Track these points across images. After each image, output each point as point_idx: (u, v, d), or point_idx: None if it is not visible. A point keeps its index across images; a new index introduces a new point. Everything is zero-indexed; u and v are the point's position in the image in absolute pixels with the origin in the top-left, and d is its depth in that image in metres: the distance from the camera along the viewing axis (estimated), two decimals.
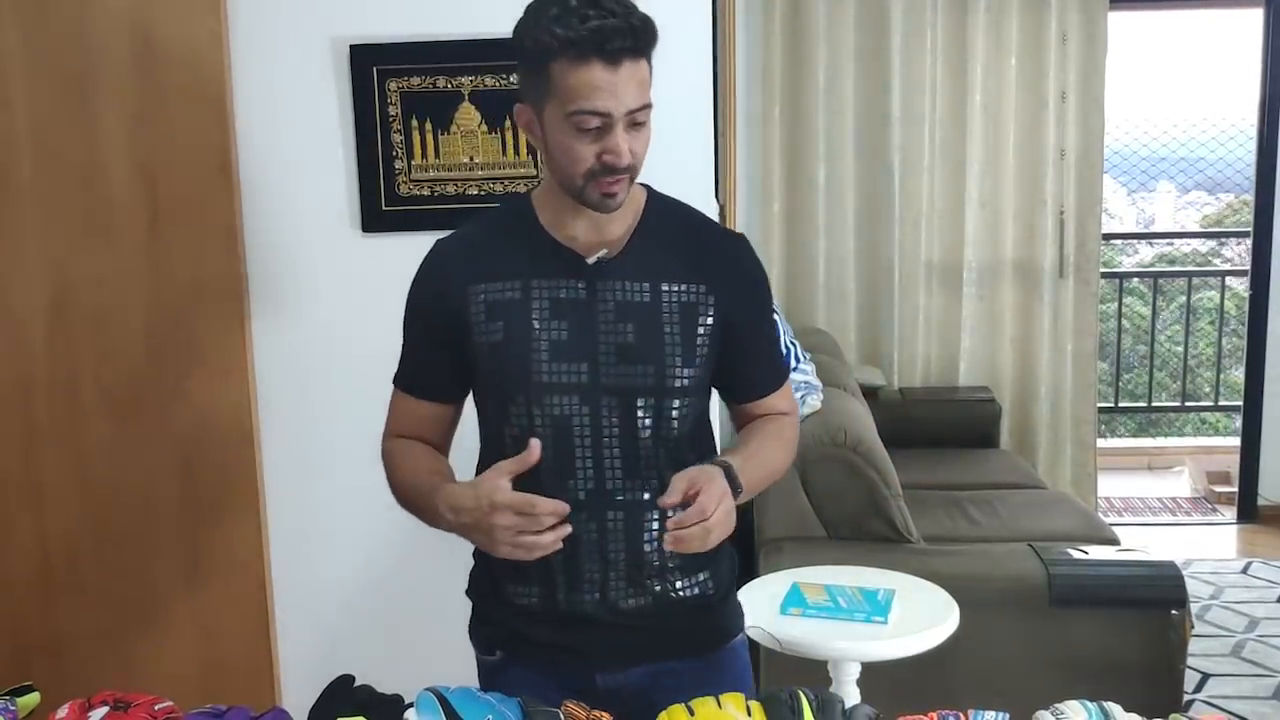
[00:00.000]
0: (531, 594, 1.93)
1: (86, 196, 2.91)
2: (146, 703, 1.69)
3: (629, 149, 1.77)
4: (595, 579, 1.89)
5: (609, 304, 1.85)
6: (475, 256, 1.93)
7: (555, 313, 1.85)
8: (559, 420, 1.85)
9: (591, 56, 1.71)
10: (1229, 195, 8.88)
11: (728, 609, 2.04)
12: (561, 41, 1.71)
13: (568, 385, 1.85)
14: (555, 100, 1.76)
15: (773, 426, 2.01)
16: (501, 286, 1.87)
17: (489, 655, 2.05)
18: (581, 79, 1.72)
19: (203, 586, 3.04)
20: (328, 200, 2.98)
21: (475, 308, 1.88)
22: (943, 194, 5.54)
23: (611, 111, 1.74)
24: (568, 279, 1.86)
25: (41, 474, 3.00)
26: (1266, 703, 4.07)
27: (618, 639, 1.91)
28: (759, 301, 2.00)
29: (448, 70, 2.90)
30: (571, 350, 1.85)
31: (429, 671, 1.92)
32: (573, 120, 1.75)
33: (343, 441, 3.07)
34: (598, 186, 1.79)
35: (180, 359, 2.96)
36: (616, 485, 1.87)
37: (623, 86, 1.73)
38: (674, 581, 1.93)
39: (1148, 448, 7.21)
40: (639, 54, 1.76)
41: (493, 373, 1.89)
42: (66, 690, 1.79)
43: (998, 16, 5.42)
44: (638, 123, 1.78)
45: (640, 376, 1.85)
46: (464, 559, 3.12)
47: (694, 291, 1.88)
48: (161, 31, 2.85)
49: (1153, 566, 3.54)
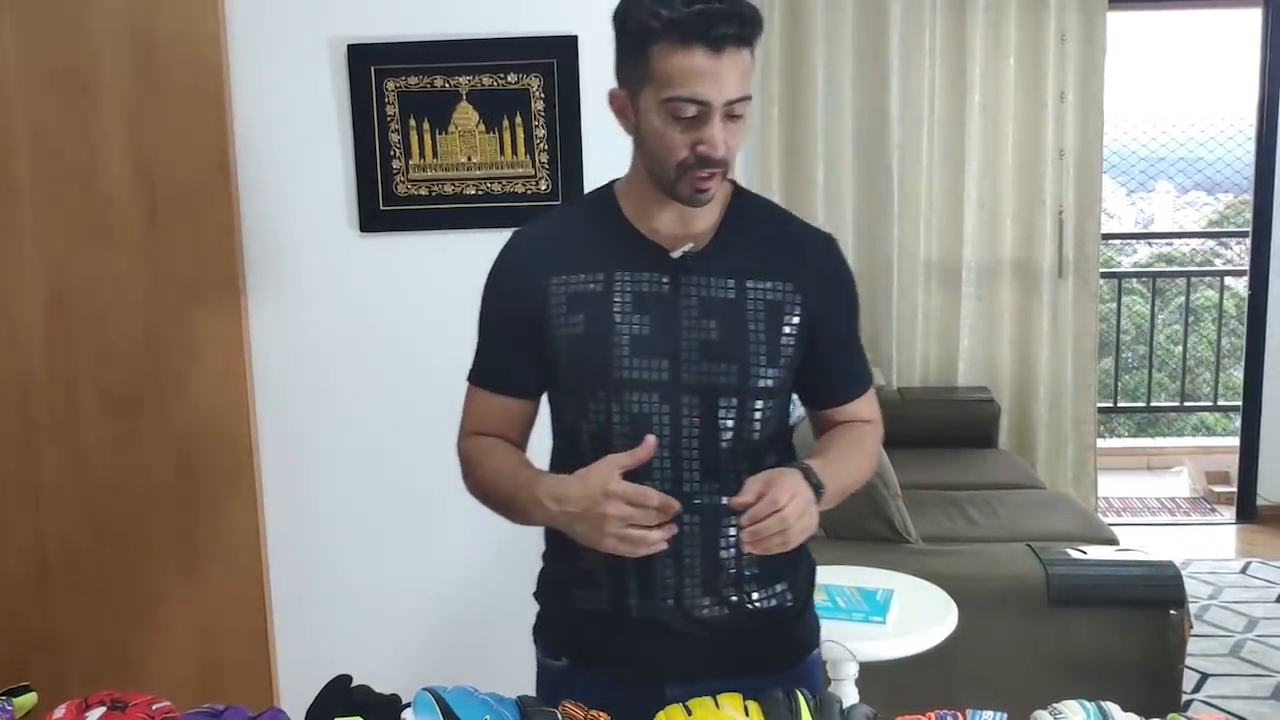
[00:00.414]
0: (601, 599, 1.86)
1: (85, 195, 2.91)
2: (144, 703, 1.69)
3: (724, 141, 1.71)
4: (669, 585, 1.82)
5: (692, 300, 1.80)
6: (556, 247, 1.86)
7: (637, 307, 1.79)
8: (638, 418, 1.79)
9: (694, 41, 1.65)
10: (1228, 195, 8.88)
11: (805, 623, 1.98)
12: (664, 23, 1.65)
13: (648, 382, 1.79)
14: (652, 85, 1.70)
15: (854, 434, 1.94)
16: (583, 278, 1.81)
17: (554, 660, 1.99)
18: (682, 64, 1.66)
19: (200, 586, 3.04)
20: (325, 199, 2.98)
21: (555, 300, 1.82)
22: (941, 194, 5.54)
23: (711, 100, 1.67)
24: (651, 272, 1.80)
25: (39, 473, 3.00)
26: (1265, 703, 4.07)
27: (690, 650, 1.84)
28: (846, 304, 1.93)
29: (445, 70, 2.90)
30: (653, 346, 1.79)
31: (426, 671, 1.91)
32: (669, 107, 1.69)
33: (340, 440, 3.07)
34: (690, 180, 1.73)
35: (178, 358, 2.96)
36: (694, 488, 1.80)
37: (725, 75, 1.67)
38: (750, 592, 1.86)
39: (1147, 448, 7.21)
40: (744, 42, 1.69)
41: (571, 367, 1.83)
42: (64, 690, 1.79)
43: (996, 16, 5.42)
44: (735, 115, 1.71)
45: (723, 375, 1.79)
46: (464, 560, 3.13)
47: (780, 290, 1.82)
48: (160, 31, 2.85)
49: (1151, 566, 3.54)
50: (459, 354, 3.02)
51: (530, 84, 2.91)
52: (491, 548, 3.11)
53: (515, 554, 3.11)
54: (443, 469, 3.07)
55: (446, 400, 3.05)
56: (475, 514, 3.08)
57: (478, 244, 2.98)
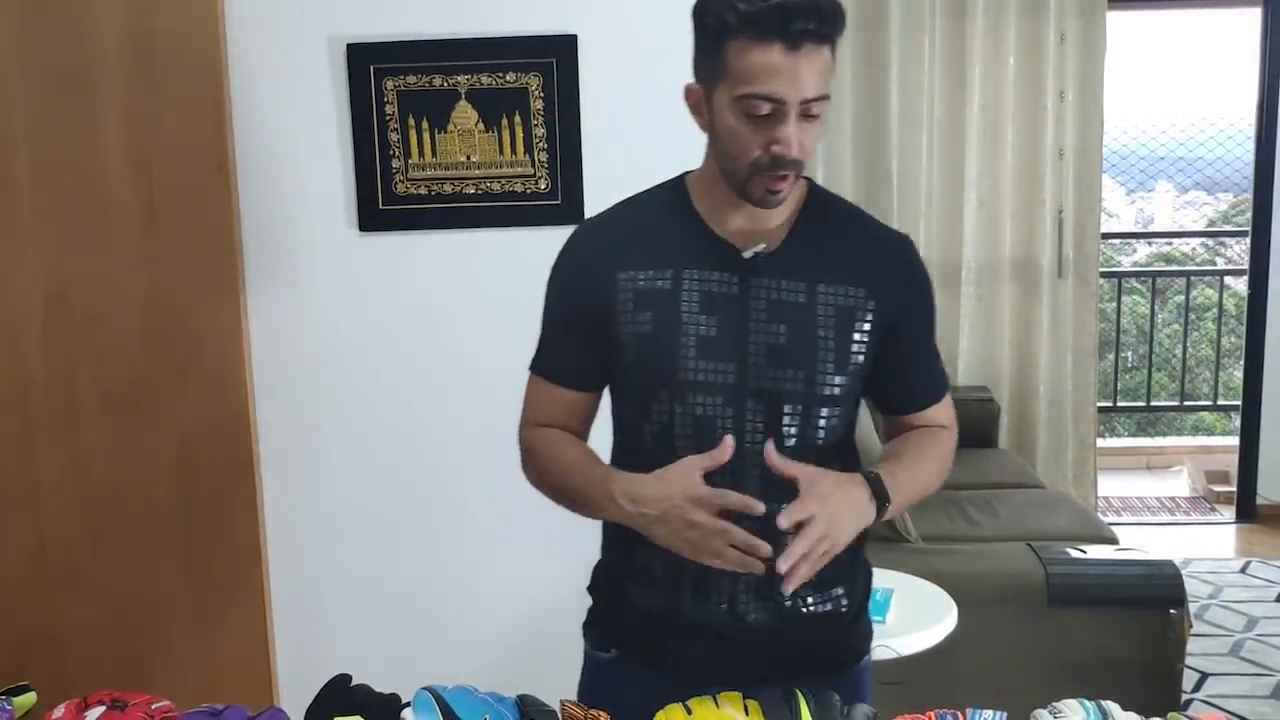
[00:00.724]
0: (656, 598, 1.84)
1: (83, 195, 2.91)
2: (143, 702, 1.69)
3: (799, 141, 1.66)
4: (724, 589, 1.80)
5: (761, 302, 1.76)
6: (624, 241, 1.83)
7: (705, 307, 1.76)
8: (701, 421, 1.76)
9: (772, 36, 1.60)
10: (1227, 195, 8.88)
11: (858, 629, 1.95)
12: (741, 17, 1.61)
13: (713, 385, 1.75)
14: (727, 82, 1.66)
15: (928, 439, 1.89)
16: (652, 275, 1.78)
17: (603, 652, 1.95)
18: (758, 60, 1.62)
19: (200, 585, 3.04)
20: (325, 199, 2.98)
21: (623, 295, 1.78)
22: (941, 194, 5.54)
23: (786, 98, 1.62)
24: (721, 272, 1.76)
25: (38, 472, 3.00)
26: (1265, 702, 4.07)
27: (740, 652, 1.81)
28: (921, 308, 1.88)
29: (445, 69, 2.90)
30: (719, 348, 1.75)
31: (426, 671, 1.91)
32: (743, 105, 1.65)
33: (341, 440, 3.07)
34: (762, 182, 1.69)
35: (177, 357, 2.96)
36: (754, 494, 1.72)
37: (802, 72, 1.62)
38: (805, 596, 1.83)
39: (1146, 447, 7.21)
40: (823, 39, 1.63)
41: (636, 366, 1.80)
42: (63, 690, 1.79)
43: (996, 17, 5.42)
44: (812, 115, 1.66)
45: (789, 381, 1.75)
46: (463, 562, 3.12)
47: (852, 295, 1.77)
48: (159, 30, 2.85)
49: (1151, 566, 3.54)
50: (459, 352, 3.04)
51: (529, 83, 2.90)
52: (492, 547, 3.11)
53: (514, 553, 3.12)
54: (442, 468, 3.09)
55: (446, 398, 3.06)
56: (475, 513, 3.10)
57: (477, 243, 3.00)
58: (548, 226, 2.94)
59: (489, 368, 3.02)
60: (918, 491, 1.84)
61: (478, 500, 3.08)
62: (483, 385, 3.03)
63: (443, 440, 3.08)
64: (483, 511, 3.09)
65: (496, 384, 3.01)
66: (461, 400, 3.05)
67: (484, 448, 3.05)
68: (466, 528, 3.11)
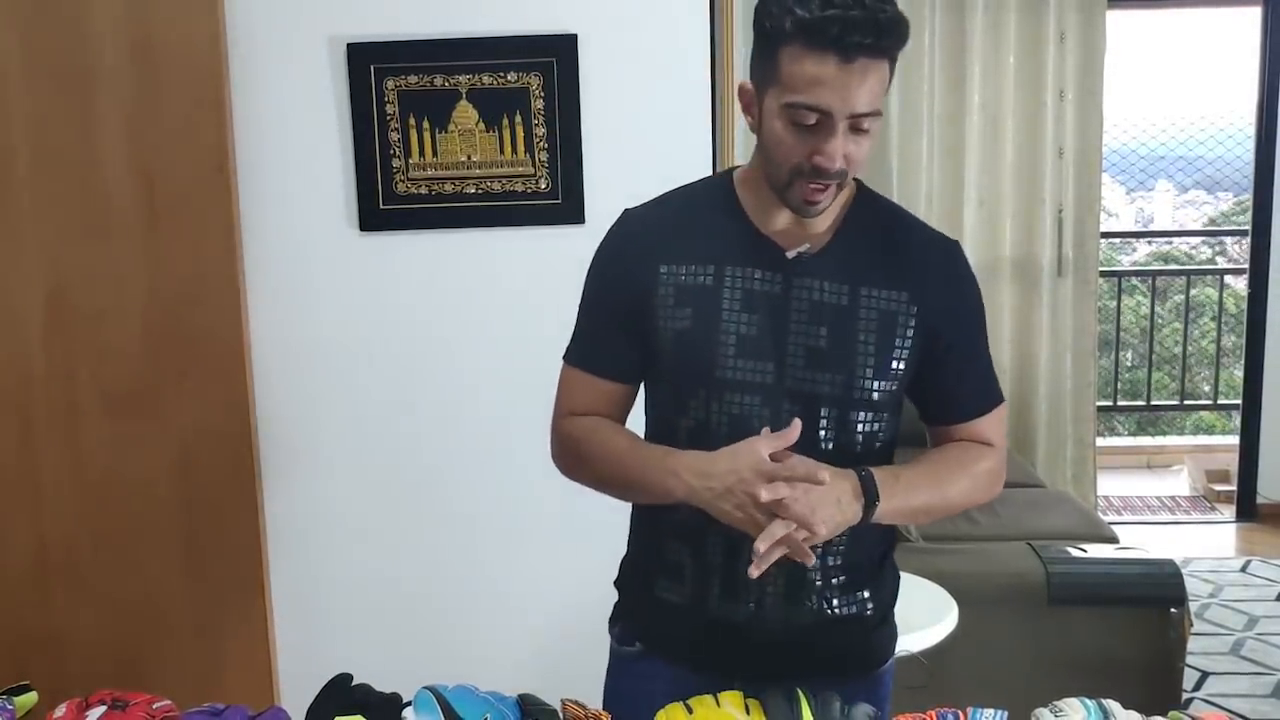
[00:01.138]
0: (684, 593, 1.83)
1: (84, 195, 2.91)
2: (144, 701, 1.69)
3: (844, 154, 1.64)
4: (753, 589, 1.78)
5: (803, 303, 1.74)
6: (667, 233, 1.80)
7: (746, 305, 1.74)
8: (736, 420, 1.74)
9: (826, 46, 1.58)
10: (1227, 194, 8.88)
11: (883, 632, 1.93)
12: (796, 24, 1.59)
13: (750, 384, 1.74)
14: (778, 87, 1.64)
15: (959, 453, 1.85)
16: (694, 270, 1.76)
17: (628, 646, 1.94)
18: (810, 70, 1.60)
19: (201, 585, 3.04)
20: (325, 199, 2.98)
21: (664, 290, 1.77)
22: (941, 192, 5.54)
23: (833, 110, 1.61)
24: (763, 271, 1.75)
25: (39, 472, 3.00)
26: (1266, 700, 4.07)
27: (764, 652, 1.80)
28: (968, 315, 1.85)
29: (445, 69, 2.90)
30: (758, 348, 1.74)
31: (427, 670, 1.91)
32: (790, 113, 1.63)
33: (341, 439, 3.07)
34: (802, 189, 1.67)
35: (178, 358, 2.96)
36: None
37: (853, 86, 1.60)
38: (832, 599, 1.82)
39: (1147, 446, 7.22)
40: (880, 54, 1.61)
41: (674, 361, 1.78)
42: (64, 689, 1.79)
43: (996, 15, 5.42)
44: (862, 129, 1.65)
45: (826, 384, 1.73)
46: (463, 561, 3.12)
47: (896, 300, 1.75)
48: (159, 30, 2.85)
49: (1152, 565, 3.54)
50: (460, 352, 3.04)
51: (530, 83, 2.90)
52: (492, 546, 3.11)
53: (514, 553, 3.12)
54: (444, 468, 3.09)
55: (447, 398, 3.06)
56: (476, 513, 3.10)
57: (477, 243, 3.00)
58: (548, 226, 2.96)
59: (491, 367, 3.03)
60: (923, 502, 1.80)
61: (478, 500, 3.08)
62: (485, 385, 3.04)
63: (444, 440, 3.08)
64: (483, 511, 3.09)
65: (498, 383, 3.04)
66: (463, 400, 3.05)
67: (486, 447, 3.06)
68: (467, 527, 3.11)
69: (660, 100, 2.94)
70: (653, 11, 2.92)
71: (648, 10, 2.91)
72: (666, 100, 2.94)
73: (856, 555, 1.84)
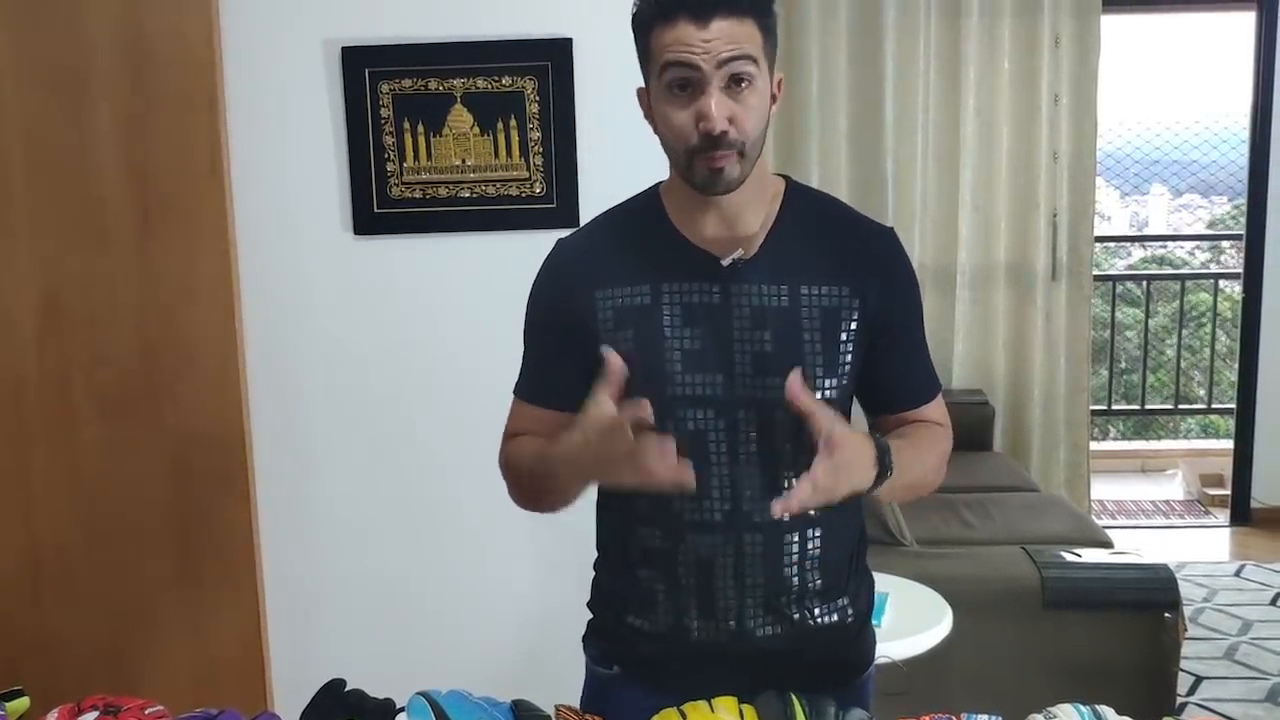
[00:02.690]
0: (661, 622, 1.80)
1: (78, 198, 2.90)
2: (136, 707, 1.68)
3: (727, 115, 1.61)
4: (731, 606, 1.76)
5: (744, 309, 1.71)
6: (600, 258, 1.78)
7: (688, 319, 1.71)
8: (693, 436, 1.71)
9: (678, 15, 1.59)
10: (1222, 198, 8.89)
11: (862, 640, 1.92)
12: (649, 4, 1.63)
13: (702, 398, 1.71)
14: (654, 68, 1.64)
15: (927, 432, 1.82)
16: (630, 291, 1.73)
17: (605, 669, 1.91)
18: (669, 37, 1.60)
19: (194, 589, 3.03)
20: (320, 203, 2.98)
21: (602, 314, 1.74)
22: (936, 197, 5.55)
23: (699, 64, 1.59)
24: (700, 282, 1.72)
25: (32, 476, 2.99)
26: (1259, 705, 4.08)
27: (746, 669, 1.74)
28: (907, 303, 1.82)
29: (440, 72, 2.90)
30: (706, 360, 1.71)
31: (421, 675, 1.91)
32: (664, 80, 1.62)
33: (335, 443, 3.07)
34: (704, 162, 1.64)
35: (172, 361, 2.96)
36: (754, 505, 1.72)
37: (715, 39, 1.58)
38: (813, 608, 1.80)
39: (1141, 450, 7.22)
40: (735, 11, 1.60)
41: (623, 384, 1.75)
42: (56, 694, 1.78)
43: (990, 20, 5.43)
44: (739, 81, 1.61)
45: (779, 389, 1.64)
46: (457, 565, 3.12)
47: (836, 294, 1.72)
48: (153, 33, 2.84)
49: (1146, 569, 3.54)
50: (454, 356, 3.04)
51: (525, 86, 2.90)
52: (486, 550, 3.10)
53: (508, 557, 3.11)
54: (436, 471, 3.09)
55: (441, 402, 3.06)
56: (469, 517, 3.10)
57: (472, 247, 3.00)
58: (543, 230, 2.93)
59: (484, 371, 3.02)
60: (914, 479, 1.76)
61: (471, 504, 3.07)
62: (477, 389, 3.03)
63: (437, 444, 3.07)
64: (476, 515, 3.08)
65: (491, 388, 3.02)
66: (456, 404, 3.04)
67: (478, 452, 3.03)
68: (460, 531, 3.10)
69: None
70: None
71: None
72: None
73: (833, 552, 1.81)
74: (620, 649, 1.89)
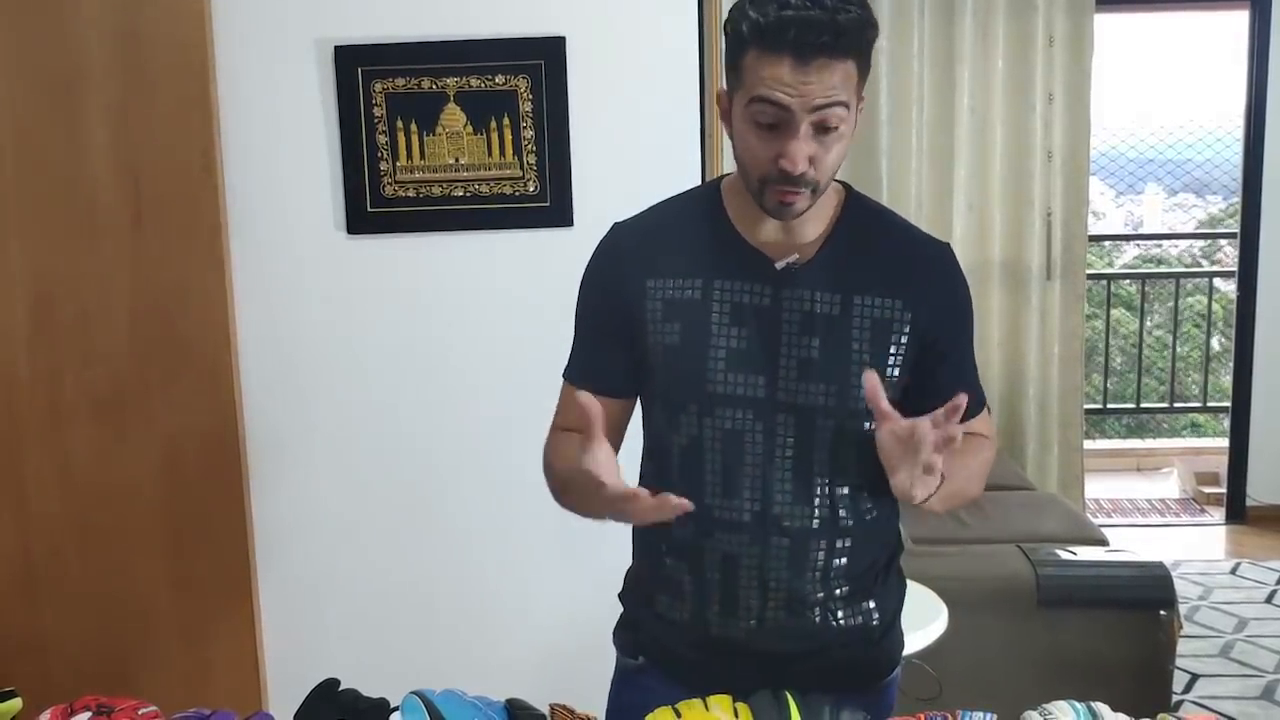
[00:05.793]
0: (683, 610, 1.81)
1: (70, 197, 2.89)
2: (130, 707, 1.68)
3: (809, 156, 1.60)
4: (752, 606, 1.77)
5: (794, 314, 1.71)
6: (655, 247, 1.78)
7: (736, 318, 1.72)
8: (729, 435, 1.72)
9: (783, 49, 1.55)
10: (1216, 197, 8.90)
11: (887, 643, 1.89)
12: (753, 28, 1.57)
13: (742, 398, 1.71)
14: (742, 91, 1.62)
15: (972, 443, 1.77)
16: (681, 284, 1.74)
17: (631, 659, 1.92)
18: (766, 70, 1.57)
19: (188, 589, 3.03)
20: (313, 202, 2.97)
21: (652, 304, 1.74)
22: (930, 196, 5.55)
23: (791, 106, 1.57)
24: (752, 283, 1.72)
25: (25, 475, 2.98)
26: (1255, 702, 4.08)
27: (767, 667, 1.75)
28: (961, 320, 1.82)
29: (433, 71, 2.89)
30: (749, 361, 1.71)
31: (415, 674, 1.91)
32: (751, 111, 1.60)
33: (329, 443, 3.06)
34: (773, 194, 1.64)
35: (164, 360, 2.95)
36: (785, 509, 1.73)
37: (811, 83, 1.56)
38: (836, 611, 1.80)
39: (1136, 449, 7.23)
40: (840, 53, 1.57)
41: (665, 377, 1.76)
42: (49, 695, 1.78)
43: (984, 19, 5.43)
44: (828, 127, 1.60)
45: (821, 396, 1.69)
46: (451, 565, 3.11)
47: (889, 307, 1.72)
48: (146, 32, 2.84)
49: (1141, 567, 3.54)
50: (448, 355, 3.03)
51: (518, 85, 2.90)
52: (481, 550, 3.10)
53: (504, 558, 3.11)
54: (431, 471, 3.08)
55: (435, 401, 3.06)
56: (463, 516, 3.10)
57: (465, 246, 3.00)
58: (536, 229, 2.95)
59: (478, 370, 3.02)
60: (958, 489, 1.74)
61: (465, 504, 3.07)
62: (472, 388, 3.03)
63: (431, 444, 3.07)
64: (471, 515, 3.08)
65: (486, 387, 3.03)
66: (450, 403, 3.04)
67: (473, 451, 3.05)
68: (454, 531, 3.10)
69: (649, 102, 2.94)
70: (641, 14, 2.91)
71: (636, 12, 2.91)
72: (655, 102, 2.94)
73: (860, 564, 1.81)
74: (643, 639, 1.90)
